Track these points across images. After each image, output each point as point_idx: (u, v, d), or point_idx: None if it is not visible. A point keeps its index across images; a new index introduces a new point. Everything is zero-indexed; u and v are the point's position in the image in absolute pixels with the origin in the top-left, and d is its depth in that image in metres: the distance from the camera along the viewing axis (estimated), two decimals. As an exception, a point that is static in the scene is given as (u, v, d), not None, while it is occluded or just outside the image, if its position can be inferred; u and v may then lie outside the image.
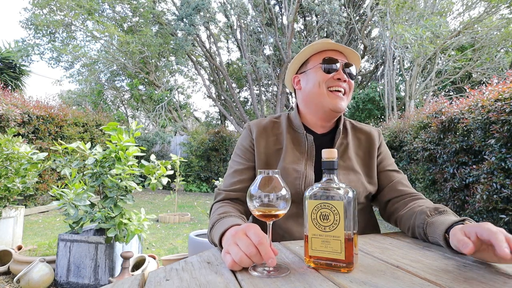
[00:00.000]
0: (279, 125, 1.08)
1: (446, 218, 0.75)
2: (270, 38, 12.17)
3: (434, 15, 7.56)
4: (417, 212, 0.84)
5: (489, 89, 3.01)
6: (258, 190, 0.62)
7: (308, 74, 1.03)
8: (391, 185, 1.02)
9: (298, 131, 1.05)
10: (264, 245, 0.58)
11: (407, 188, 1.00)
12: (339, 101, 0.98)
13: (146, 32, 9.95)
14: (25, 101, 5.52)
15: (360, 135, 1.09)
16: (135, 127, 2.41)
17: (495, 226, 0.59)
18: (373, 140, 1.08)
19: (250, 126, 1.08)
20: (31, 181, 3.01)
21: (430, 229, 0.77)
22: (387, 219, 1.03)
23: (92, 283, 2.18)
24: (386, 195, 1.02)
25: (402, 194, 0.99)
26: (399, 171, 1.07)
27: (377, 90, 10.16)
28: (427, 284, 0.52)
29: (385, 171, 1.05)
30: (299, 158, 1.00)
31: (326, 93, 0.99)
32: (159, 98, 10.92)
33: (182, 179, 5.27)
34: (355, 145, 1.06)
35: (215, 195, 1.04)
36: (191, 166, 8.99)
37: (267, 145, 1.03)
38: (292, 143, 1.03)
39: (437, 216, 0.78)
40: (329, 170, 0.63)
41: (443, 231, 0.71)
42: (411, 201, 0.95)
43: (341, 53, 1.02)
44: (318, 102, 1.01)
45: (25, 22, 9.64)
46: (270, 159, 1.02)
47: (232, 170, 1.05)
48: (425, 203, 0.90)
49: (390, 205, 1.00)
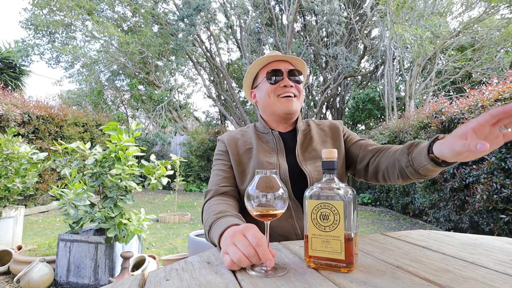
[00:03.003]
0: (247, 132, 1.19)
1: (421, 144, 0.82)
2: (270, 38, 12.18)
3: (434, 15, 7.56)
4: (397, 157, 0.90)
5: (489, 89, 3.01)
6: (256, 190, 0.63)
7: (259, 87, 1.15)
8: (362, 149, 1.09)
9: (264, 132, 1.16)
10: (262, 246, 0.59)
11: (377, 145, 1.08)
12: (290, 104, 1.09)
13: (146, 32, 9.95)
14: (25, 101, 5.52)
15: (324, 127, 1.19)
16: (135, 127, 2.41)
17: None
18: (337, 128, 1.18)
19: (222, 138, 1.19)
20: (31, 181, 3.01)
21: (416, 162, 0.81)
22: (374, 180, 1.07)
23: (92, 283, 2.18)
24: (363, 160, 1.08)
25: (375, 152, 1.05)
26: (363, 138, 1.15)
27: (377, 90, 10.16)
28: (427, 284, 0.52)
29: (353, 143, 1.14)
30: (270, 152, 1.09)
31: (276, 101, 1.10)
32: (159, 98, 10.92)
33: (182, 179, 5.27)
34: (321, 136, 1.15)
35: (204, 195, 1.07)
36: (191, 166, 8.99)
37: (238, 147, 1.13)
38: (261, 142, 1.13)
39: (415, 148, 0.84)
40: (329, 170, 0.63)
41: (426, 155, 0.76)
42: (385, 153, 1.00)
43: (286, 61, 1.13)
44: (272, 110, 1.12)
45: (25, 22, 9.64)
46: (242, 157, 1.10)
47: (216, 170, 1.12)
48: (398, 147, 0.96)
49: (370, 166, 1.05)
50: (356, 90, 11.41)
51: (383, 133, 5.55)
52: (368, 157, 1.06)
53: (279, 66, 1.12)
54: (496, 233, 2.74)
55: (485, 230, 2.90)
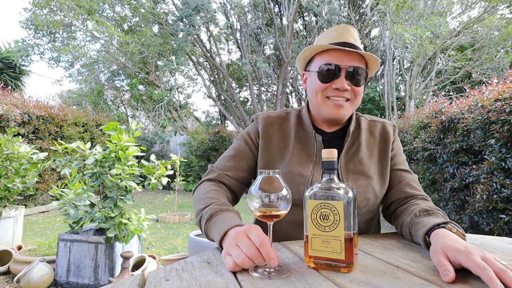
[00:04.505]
0: (287, 122, 1.02)
1: (430, 220, 0.72)
2: (270, 38, 12.17)
3: (434, 15, 7.56)
4: (408, 212, 0.83)
5: (489, 89, 3.01)
6: (259, 190, 0.62)
7: (310, 75, 0.96)
8: (399, 186, 0.96)
9: (307, 131, 0.98)
10: (266, 246, 0.58)
11: (414, 191, 0.95)
12: (338, 111, 0.91)
13: (146, 32, 9.95)
14: (25, 101, 5.52)
15: (375, 131, 1.01)
16: (135, 127, 2.41)
17: (481, 249, 0.56)
18: (388, 136, 1.01)
19: (258, 119, 1.02)
20: (31, 181, 3.01)
21: (414, 229, 0.75)
22: (388, 219, 1.00)
23: (92, 283, 2.18)
24: (392, 196, 0.97)
25: (407, 196, 0.94)
26: (409, 171, 1.00)
27: (377, 90, 10.16)
28: (427, 284, 0.52)
29: (396, 170, 0.99)
30: (306, 161, 0.94)
31: (323, 102, 0.92)
32: (159, 98, 10.92)
33: (182, 179, 5.27)
34: (369, 145, 0.99)
35: (208, 171, 1.00)
36: (191, 166, 8.99)
37: (271, 143, 0.98)
38: (300, 144, 0.97)
39: (424, 217, 0.75)
40: (329, 170, 0.63)
41: (424, 233, 0.69)
42: (411, 201, 0.91)
43: (353, 52, 0.89)
44: (317, 109, 0.96)
45: (25, 22, 9.64)
46: (273, 159, 0.97)
47: (231, 153, 1.01)
48: (423, 203, 0.86)
49: (393, 205, 0.97)
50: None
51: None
52: (398, 196, 0.95)
53: (339, 59, 0.88)
54: (496, 233, 2.73)
55: (485, 230, 2.90)
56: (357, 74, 0.89)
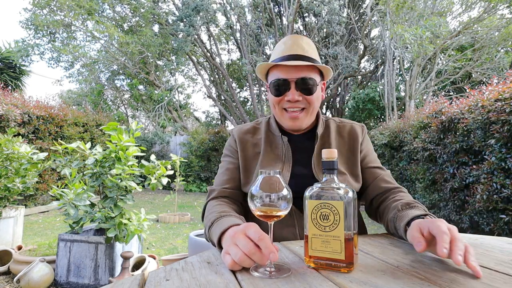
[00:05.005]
0: (259, 130, 1.10)
1: (411, 212, 0.77)
2: (270, 38, 12.18)
3: (434, 15, 7.56)
4: (391, 207, 0.87)
5: (489, 89, 3.01)
6: (259, 190, 0.62)
7: (269, 88, 1.03)
8: (375, 182, 1.02)
9: (275, 134, 1.06)
10: (265, 240, 0.58)
11: (389, 184, 1.00)
12: (294, 123, 0.99)
13: (146, 32, 9.95)
14: (25, 101, 5.52)
15: (343, 133, 1.07)
16: (135, 127, 2.41)
17: (450, 224, 0.63)
18: (356, 136, 1.06)
19: (233, 132, 1.12)
20: (31, 181, 3.01)
21: (398, 223, 0.79)
22: (373, 216, 1.04)
23: (92, 283, 2.18)
24: (370, 193, 1.02)
25: (384, 191, 0.99)
26: (382, 167, 1.06)
27: (377, 90, 10.15)
28: (427, 284, 0.52)
29: (368, 168, 1.05)
30: (276, 161, 1.00)
31: (281, 114, 1.01)
32: (159, 98, 10.93)
33: (182, 179, 5.27)
34: (339, 144, 1.05)
35: (208, 193, 1.04)
36: (191, 166, 8.99)
37: (247, 149, 1.06)
38: (270, 146, 1.04)
39: (406, 211, 0.80)
40: (329, 170, 0.63)
41: (404, 225, 0.74)
42: (390, 196, 0.95)
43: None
44: (278, 120, 1.04)
45: (25, 22, 9.64)
46: (249, 163, 1.04)
47: (224, 168, 1.07)
48: (403, 197, 0.90)
49: (374, 202, 1.01)
50: (356, 90, 11.40)
51: (383, 133, 5.55)
52: (376, 192, 1.00)
53: (287, 72, 0.94)
54: (496, 233, 2.73)
55: (485, 230, 2.90)
56: (306, 84, 0.95)
